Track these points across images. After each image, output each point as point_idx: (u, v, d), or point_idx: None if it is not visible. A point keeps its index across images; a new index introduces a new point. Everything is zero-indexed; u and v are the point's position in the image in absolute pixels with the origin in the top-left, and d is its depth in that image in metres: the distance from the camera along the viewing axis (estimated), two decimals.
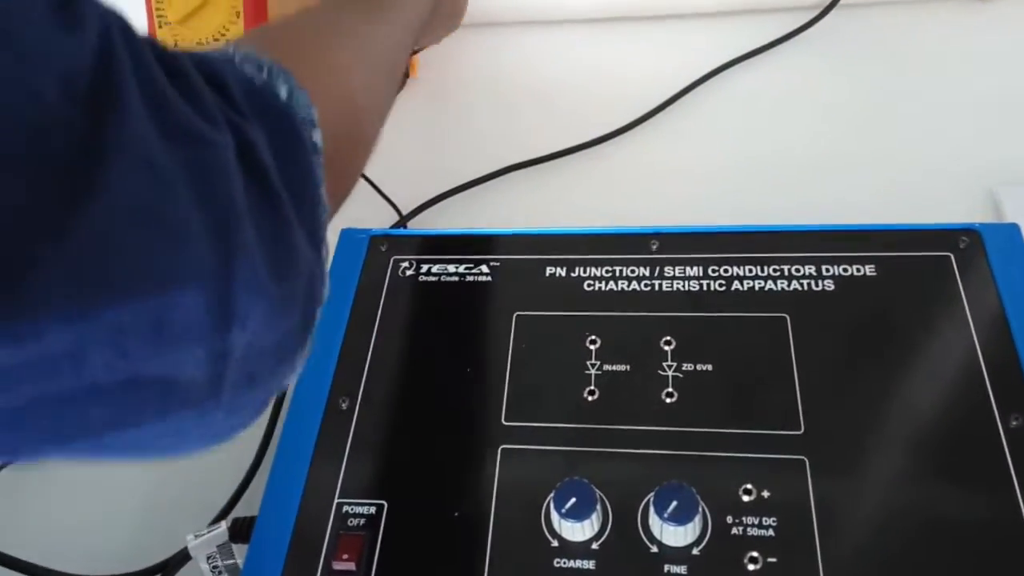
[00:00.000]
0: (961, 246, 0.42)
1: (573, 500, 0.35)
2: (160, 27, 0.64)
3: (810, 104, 0.61)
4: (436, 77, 0.67)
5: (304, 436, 0.40)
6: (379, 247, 0.47)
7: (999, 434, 0.36)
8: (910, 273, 0.41)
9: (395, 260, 0.46)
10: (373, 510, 0.38)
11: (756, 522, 0.35)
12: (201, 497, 0.47)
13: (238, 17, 0.62)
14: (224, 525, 0.42)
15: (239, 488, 0.46)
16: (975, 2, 0.65)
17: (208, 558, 0.42)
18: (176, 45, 0.63)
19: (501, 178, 0.59)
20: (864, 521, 0.34)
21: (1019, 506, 0.34)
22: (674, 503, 0.34)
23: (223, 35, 0.63)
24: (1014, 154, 0.55)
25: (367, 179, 0.58)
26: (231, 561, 0.42)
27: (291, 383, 0.31)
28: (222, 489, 0.47)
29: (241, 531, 0.41)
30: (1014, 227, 0.42)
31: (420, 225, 0.58)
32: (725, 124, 0.61)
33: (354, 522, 0.37)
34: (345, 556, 0.36)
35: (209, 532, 0.42)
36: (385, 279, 0.46)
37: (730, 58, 0.64)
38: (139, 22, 0.64)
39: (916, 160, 0.56)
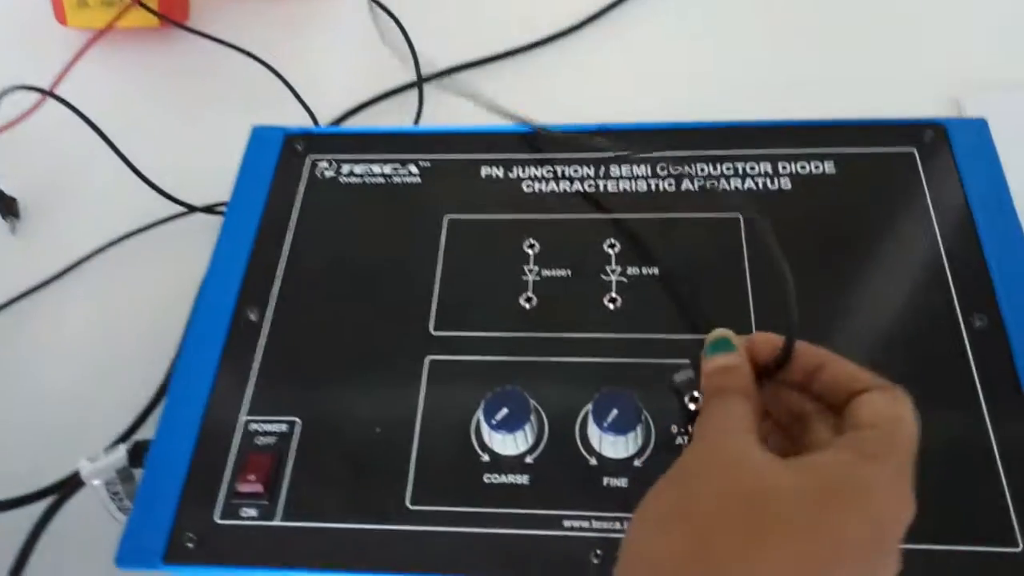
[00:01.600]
0: (926, 141, 0.39)
1: (505, 411, 0.32)
2: None
3: (755, 11, 0.57)
4: None
5: (208, 350, 0.36)
6: (295, 146, 0.42)
7: (962, 335, 0.33)
8: (871, 170, 0.39)
9: (313, 160, 0.42)
10: (284, 428, 0.34)
11: None
12: (106, 420, 0.42)
13: None
14: (123, 448, 0.38)
15: (145, 410, 0.42)
16: None
17: (107, 484, 0.38)
18: None
19: (434, 82, 0.55)
20: None
21: (981, 407, 0.32)
22: (614, 411, 0.31)
23: None
24: (977, 62, 0.53)
25: (286, 83, 0.53)
26: (134, 487, 0.38)
27: None
28: (130, 412, 0.43)
29: (142, 455, 0.37)
30: (982, 122, 0.39)
31: None
32: (680, 22, 0.57)
33: (263, 441, 0.33)
34: (251, 477, 0.32)
35: (105, 456, 0.38)
36: (301, 181, 0.41)
37: None
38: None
39: (877, 67, 0.53)
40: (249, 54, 0.55)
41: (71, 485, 0.37)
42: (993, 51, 0.53)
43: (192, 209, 0.52)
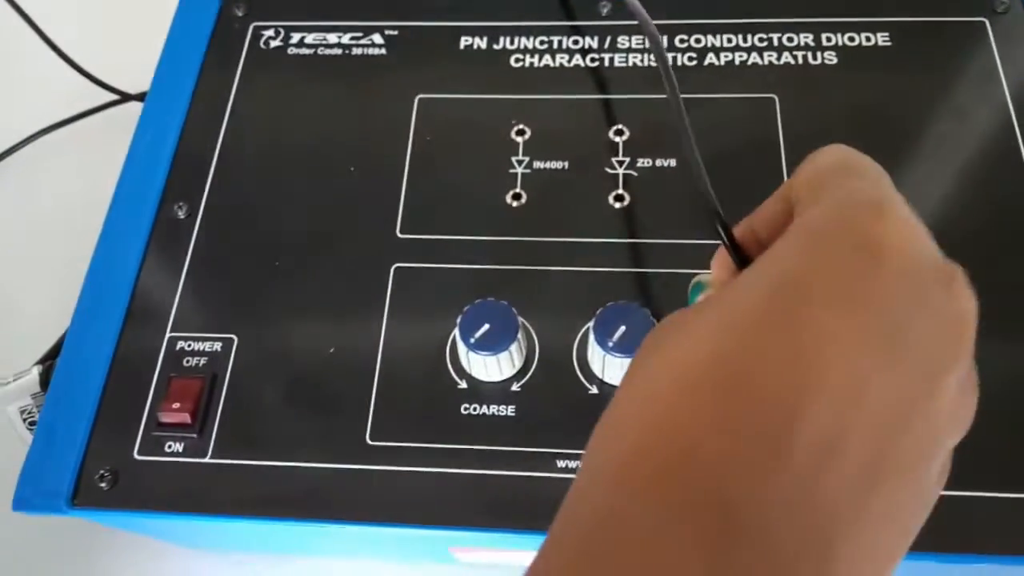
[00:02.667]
0: (999, 10, 0.32)
1: (486, 327, 0.25)
2: None
3: None
4: None
5: (126, 253, 0.29)
6: (233, 10, 0.34)
7: None
8: (933, 43, 0.32)
9: (255, 28, 0.34)
10: (218, 347, 0.28)
11: None
12: (26, 335, 0.36)
13: None
14: (36, 372, 0.32)
15: (65, 333, 0.36)
16: None
17: (22, 412, 0.33)
18: None
19: None
20: None
21: None
22: (622, 328, 0.25)
23: None
24: None
25: None
26: None
27: None
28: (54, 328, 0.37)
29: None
30: None
31: None
32: None
33: (191, 362, 0.27)
34: (176, 405, 0.26)
35: (15, 380, 0.32)
36: (241, 52, 0.34)
37: None
38: None
39: None
40: None
41: None
42: None
43: (126, 97, 0.44)
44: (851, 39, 0.32)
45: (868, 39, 0.32)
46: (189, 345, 0.28)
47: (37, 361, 0.35)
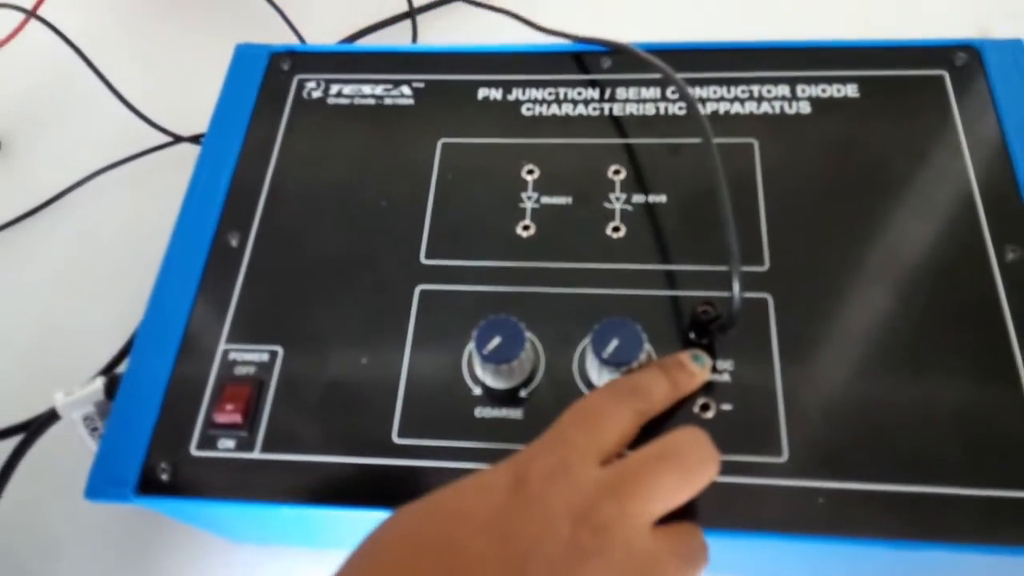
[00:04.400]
0: (957, 64, 0.36)
1: (497, 340, 0.29)
2: None
3: None
4: None
5: (186, 276, 0.34)
6: (280, 65, 0.39)
7: (992, 267, 0.31)
8: (897, 94, 0.36)
9: (299, 80, 0.39)
10: (266, 357, 0.32)
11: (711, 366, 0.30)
12: (87, 354, 0.41)
13: None
14: (100, 382, 0.36)
15: (126, 343, 0.40)
16: None
17: (85, 419, 0.37)
18: None
19: (438, 8, 0.52)
20: (832, 368, 0.30)
21: (1012, 345, 0.29)
22: (615, 342, 0.29)
23: None
24: None
25: (272, 4, 0.50)
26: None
27: None
28: (111, 345, 0.41)
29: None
30: (1018, 43, 0.36)
31: None
32: None
33: (242, 371, 0.32)
34: (229, 407, 0.30)
35: (82, 389, 0.36)
36: (287, 101, 0.38)
37: None
38: None
39: None
40: None
41: (45, 418, 0.36)
42: None
43: (178, 139, 0.49)
44: (823, 91, 0.36)
45: (839, 91, 0.36)
46: (240, 356, 0.32)
47: (99, 372, 0.39)
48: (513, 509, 0.23)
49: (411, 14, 0.51)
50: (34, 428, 0.35)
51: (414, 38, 0.51)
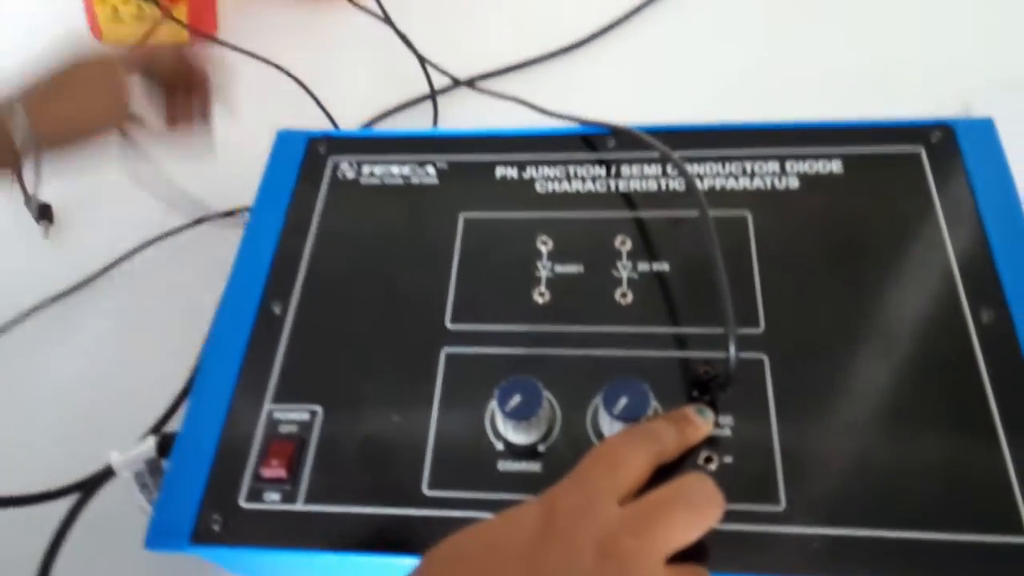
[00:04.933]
0: (933, 141, 0.40)
1: (518, 398, 0.33)
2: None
3: (777, 9, 0.58)
4: None
5: (234, 341, 0.37)
6: (318, 148, 0.44)
7: (969, 328, 0.34)
8: (879, 170, 0.39)
9: (335, 162, 0.43)
10: (307, 416, 0.35)
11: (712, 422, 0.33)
12: (137, 414, 0.44)
13: None
14: (152, 440, 0.39)
15: (173, 403, 0.43)
16: None
17: (136, 476, 0.40)
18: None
19: (456, 92, 0.56)
20: (825, 422, 0.33)
21: (988, 401, 0.32)
22: (624, 400, 0.32)
23: None
24: (985, 60, 0.53)
25: (308, 92, 0.54)
26: (161, 480, 0.40)
27: None
28: (158, 405, 0.44)
29: (171, 447, 0.38)
30: (988, 122, 0.40)
31: None
32: (688, 33, 0.58)
33: (286, 429, 0.35)
34: (275, 463, 0.33)
35: (136, 448, 0.39)
36: (323, 181, 0.42)
37: None
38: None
39: (886, 67, 0.54)
40: (274, 64, 0.56)
41: (100, 476, 0.39)
42: (999, 52, 0.54)
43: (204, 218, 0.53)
44: (810, 167, 0.40)
45: (824, 167, 0.40)
46: (284, 415, 0.35)
47: (145, 434, 0.42)
48: (543, 541, 0.26)
49: (432, 97, 0.56)
50: (91, 486, 0.38)
51: (435, 120, 0.55)
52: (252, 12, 0.64)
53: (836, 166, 0.40)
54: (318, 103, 0.55)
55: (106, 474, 0.39)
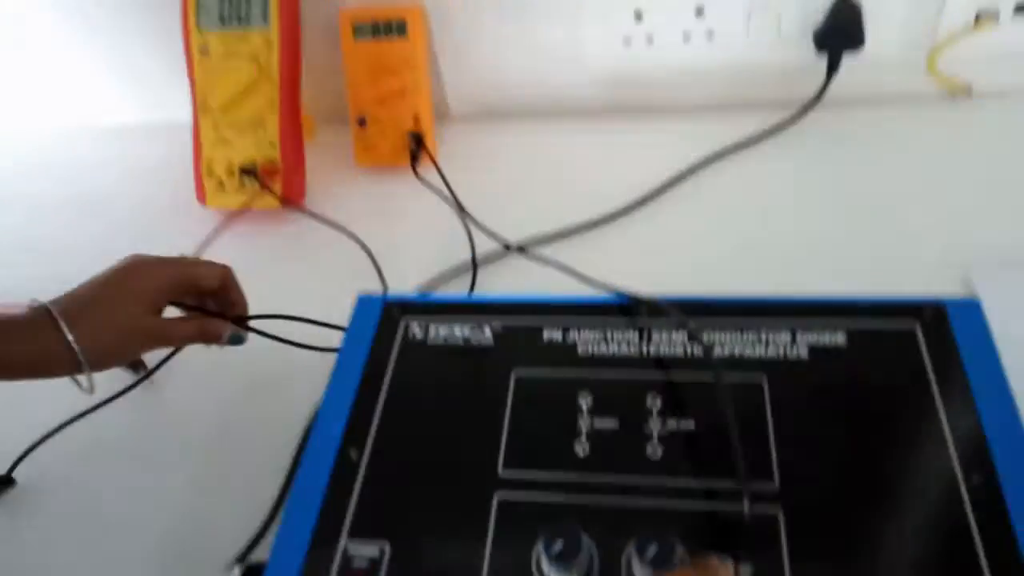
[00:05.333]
0: (926, 318, 0.45)
1: (561, 544, 0.38)
2: (203, 115, 0.70)
3: (793, 191, 0.66)
4: (454, 162, 0.73)
5: (316, 483, 0.43)
6: (392, 311, 0.51)
7: (961, 490, 0.38)
8: (878, 343, 0.45)
9: (406, 323, 0.50)
10: (377, 552, 0.40)
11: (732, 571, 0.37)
12: (219, 545, 0.49)
13: (273, 106, 0.69)
14: (237, 570, 0.44)
15: (256, 535, 0.49)
16: (946, 101, 0.71)
17: None
18: (217, 129, 0.70)
19: (508, 256, 0.64)
20: (835, 570, 0.37)
21: (977, 554, 0.36)
22: (654, 548, 0.37)
23: (260, 123, 0.69)
24: (988, 238, 0.59)
25: (373, 261, 0.63)
26: None
27: None
28: (243, 537, 0.50)
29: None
30: (975, 303, 0.46)
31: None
32: (715, 208, 0.66)
33: (359, 563, 0.40)
34: None
35: None
36: (396, 340, 0.50)
37: (721, 148, 0.69)
38: (184, 109, 0.71)
39: (893, 242, 0.60)
40: (348, 232, 0.65)
41: None
42: (1004, 230, 0.60)
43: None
44: (817, 338, 0.46)
45: (829, 339, 0.45)
46: (356, 550, 0.40)
47: (235, 562, 0.47)
48: None
49: (473, 265, 0.63)
50: None
51: (472, 286, 0.62)
52: (336, 183, 0.74)
53: (840, 338, 0.45)
54: (378, 272, 0.62)
55: None
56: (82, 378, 0.49)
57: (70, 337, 0.47)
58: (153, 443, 0.58)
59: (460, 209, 0.66)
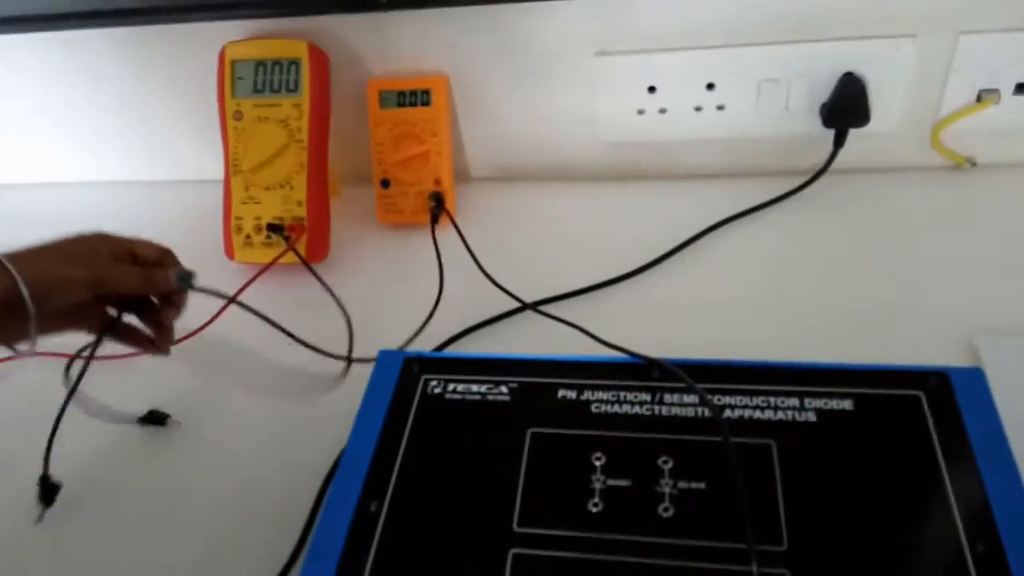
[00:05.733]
0: (931, 386, 0.47)
1: None
2: (234, 175, 0.74)
3: (800, 258, 0.68)
4: (472, 222, 0.76)
5: (335, 534, 0.45)
6: (412, 367, 0.53)
7: (966, 558, 0.39)
8: (884, 409, 0.46)
9: (425, 379, 0.52)
10: None
11: None
12: None
13: (302, 168, 0.72)
14: None
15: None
16: (953, 171, 0.73)
17: None
18: (247, 188, 0.73)
19: (523, 314, 0.66)
20: None
21: None
22: None
23: (288, 183, 0.72)
24: (993, 307, 0.61)
25: (348, 324, 0.65)
26: None
27: None
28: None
29: None
30: (979, 371, 0.47)
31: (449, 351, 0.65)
32: (724, 272, 0.68)
33: None
34: None
35: None
36: (416, 395, 0.51)
37: (730, 214, 0.72)
38: (217, 169, 0.75)
39: (899, 311, 0.62)
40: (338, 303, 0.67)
41: None
42: (1010, 299, 0.61)
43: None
44: (824, 403, 0.47)
45: (837, 404, 0.47)
46: None
47: None
48: None
49: (485, 324, 0.65)
50: None
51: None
52: (359, 240, 0.77)
53: (847, 404, 0.47)
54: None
55: None
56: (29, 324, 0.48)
57: (4, 259, 0.47)
58: (171, 490, 0.60)
59: (478, 266, 0.68)
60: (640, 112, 0.73)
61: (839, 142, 0.71)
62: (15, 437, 0.62)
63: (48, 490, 0.58)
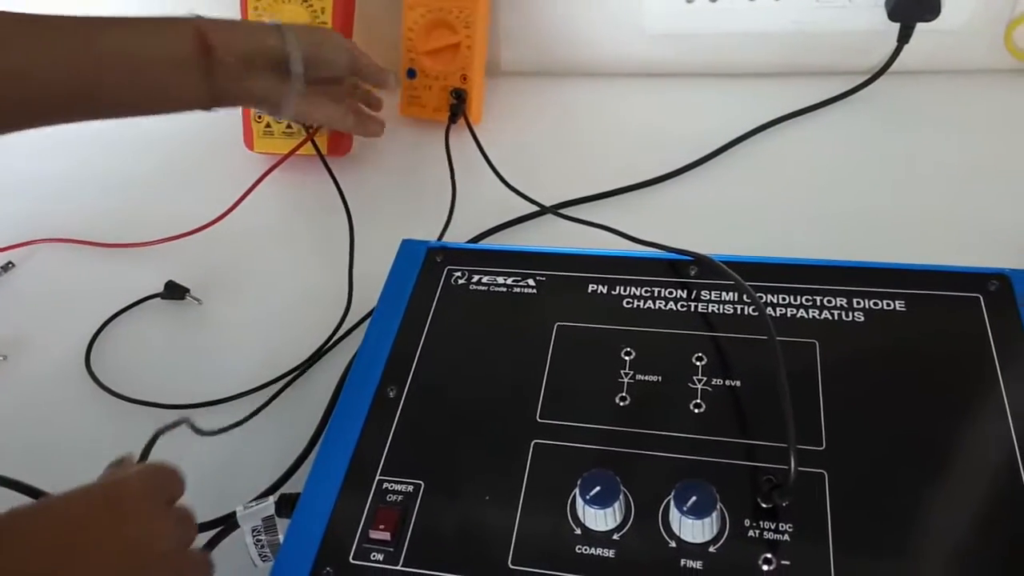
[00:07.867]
0: (990, 289, 0.43)
1: (598, 488, 0.37)
2: None
3: (855, 160, 0.64)
4: (503, 121, 0.72)
5: (353, 419, 0.43)
6: (435, 257, 0.51)
7: (1019, 467, 0.37)
8: (938, 311, 0.43)
9: (449, 269, 0.50)
10: (411, 488, 0.40)
11: (773, 527, 0.36)
12: (255, 474, 0.50)
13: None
14: (271, 499, 0.45)
15: (291, 466, 0.49)
16: (1016, 73, 0.67)
17: (253, 531, 0.45)
18: None
19: (546, 218, 0.63)
20: (876, 533, 0.36)
21: None
22: (694, 498, 0.36)
23: None
24: None
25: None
26: (274, 537, 0.45)
27: None
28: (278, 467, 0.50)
29: (287, 506, 0.44)
30: None
31: None
32: (775, 171, 0.64)
33: (392, 498, 0.40)
34: (382, 527, 0.38)
35: (257, 504, 0.45)
36: (438, 286, 0.49)
37: (781, 114, 0.67)
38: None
39: (956, 215, 0.58)
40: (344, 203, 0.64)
41: (228, 527, 0.44)
42: None
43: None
44: (875, 304, 0.44)
45: (888, 304, 0.44)
46: (391, 486, 0.40)
47: (262, 494, 0.48)
48: None
49: (508, 226, 0.62)
50: (222, 532, 0.44)
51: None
52: (384, 135, 0.74)
53: (899, 305, 0.44)
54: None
55: (232, 525, 0.44)
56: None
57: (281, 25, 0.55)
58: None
59: (492, 169, 0.65)
60: (690, 0, 0.68)
61: (904, 37, 0.65)
62: None
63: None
